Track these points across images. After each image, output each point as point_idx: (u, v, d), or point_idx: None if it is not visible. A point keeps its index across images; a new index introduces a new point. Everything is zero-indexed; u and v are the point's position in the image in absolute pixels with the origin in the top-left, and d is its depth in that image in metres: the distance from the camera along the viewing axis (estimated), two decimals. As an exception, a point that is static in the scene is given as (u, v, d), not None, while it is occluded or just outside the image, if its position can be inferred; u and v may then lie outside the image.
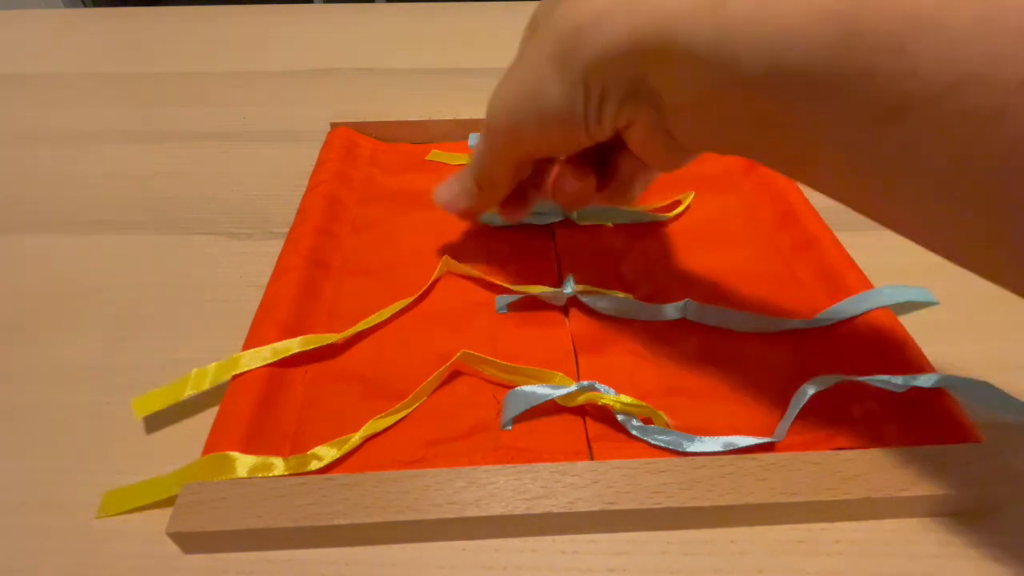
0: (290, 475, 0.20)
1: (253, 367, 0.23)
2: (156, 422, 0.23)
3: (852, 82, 0.14)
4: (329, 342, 0.24)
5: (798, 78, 0.15)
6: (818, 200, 0.30)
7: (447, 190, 0.27)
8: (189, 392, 0.22)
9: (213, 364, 0.23)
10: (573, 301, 0.26)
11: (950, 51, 0.12)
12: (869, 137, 0.15)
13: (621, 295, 0.26)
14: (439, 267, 0.28)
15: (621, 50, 0.17)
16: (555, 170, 0.25)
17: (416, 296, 0.27)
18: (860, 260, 0.28)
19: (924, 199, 0.15)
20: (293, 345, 0.23)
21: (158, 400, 0.22)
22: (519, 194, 0.25)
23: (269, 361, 0.23)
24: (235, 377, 0.22)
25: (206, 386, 0.23)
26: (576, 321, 0.26)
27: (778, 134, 0.17)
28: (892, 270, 0.26)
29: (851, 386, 0.22)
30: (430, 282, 0.27)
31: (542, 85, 0.19)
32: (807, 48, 0.14)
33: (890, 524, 0.20)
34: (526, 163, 0.23)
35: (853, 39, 0.14)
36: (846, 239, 0.29)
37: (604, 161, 0.24)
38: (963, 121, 0.13)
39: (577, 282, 0.26)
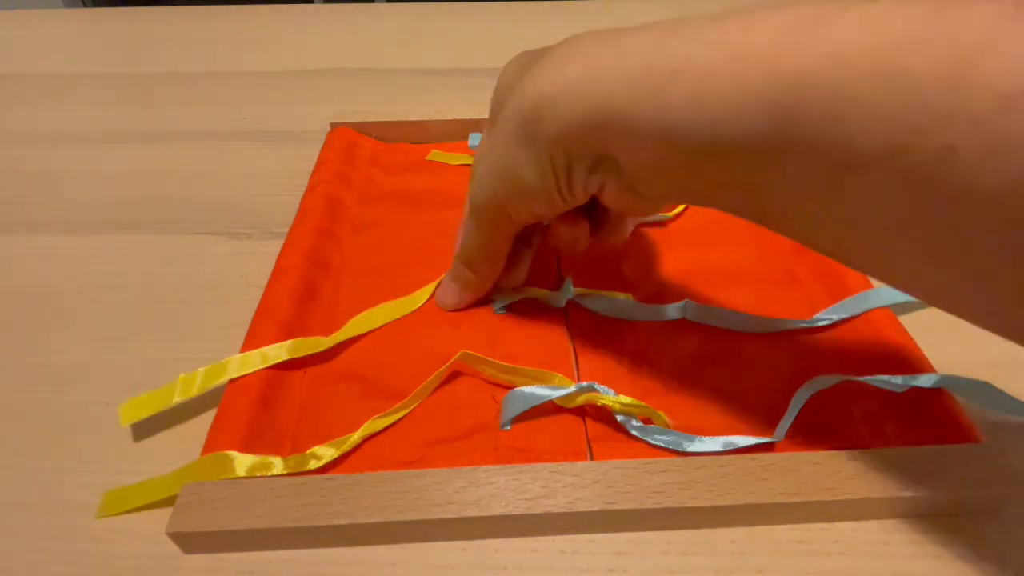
0: (289, 475, 0.20)
1: (241, 374, 0.22)
2: (155, 423, 0.23)
3: (795, 151, 0.15)
4: (319, 349, 0.24)
5: (742, 150, 0.15)
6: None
7: (448, 293, 0.27)
8: (177, 399, 0.22)
9: (201, 369, 0.23)
10: (573, 302, 0.26)
11: (881, 124, 0.13)
12: (820, 196, 0.15)
13: (621, 296, 0.26)
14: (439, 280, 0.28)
15: (577, 129, 0.18)
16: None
17: (414, 309, 0.27)
18: (860, 260, 0.28)
19: (885, 251, 0.15)
20: (282, 352, 0.23)
21: (145, 406, 0.22)
22: (512, 259, 0.26)
23: (259, 368, 0.23)
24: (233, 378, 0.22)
25: (194, 392, 0.22)
26: (576, 321, 0.26)
27: (735, 193, 0.17)
28: (892, 270, 0.26)
29: (851, 386, 0.22)
30: (430, 293, 0.27)
31: (515, 165, 0.20)
32: (747, 128, 0.15)
33: (890, 524, 0.20)
34: (517, 231, 0.24)
35: (789, 118, 0.14)
36: (846, 239, 0.29)
37: (594, 206, 0.24)
38: (905, 182, 0.13)
39: (577, 282, 0.26)
